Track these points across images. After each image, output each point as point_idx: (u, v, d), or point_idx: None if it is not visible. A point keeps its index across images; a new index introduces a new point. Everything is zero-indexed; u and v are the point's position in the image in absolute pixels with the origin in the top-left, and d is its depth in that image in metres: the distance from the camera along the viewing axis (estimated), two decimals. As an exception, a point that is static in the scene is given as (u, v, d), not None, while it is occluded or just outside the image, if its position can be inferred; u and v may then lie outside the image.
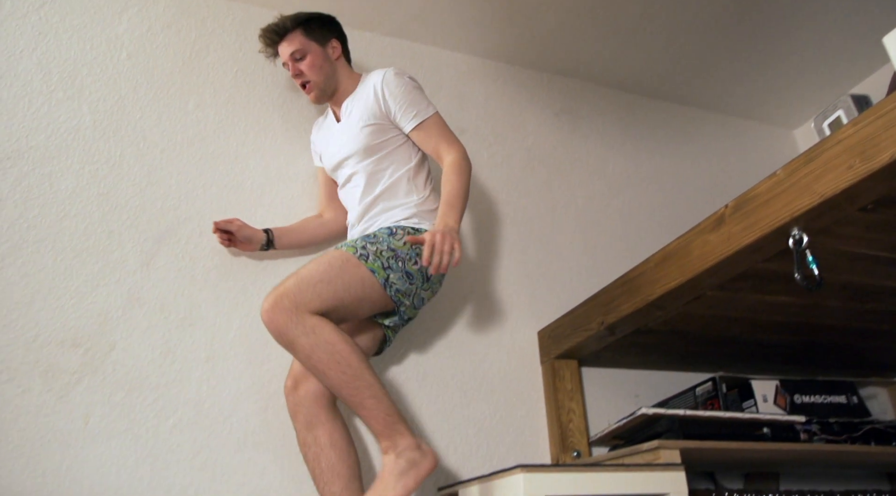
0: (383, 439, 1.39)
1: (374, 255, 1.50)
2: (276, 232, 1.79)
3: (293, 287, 1.39)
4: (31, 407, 1.54)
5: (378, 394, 1.39)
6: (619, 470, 1.45)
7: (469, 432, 1.86)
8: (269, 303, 1.38)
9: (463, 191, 1.57)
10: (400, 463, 1.36)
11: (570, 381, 1.97)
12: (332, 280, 1.43)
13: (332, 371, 1.36)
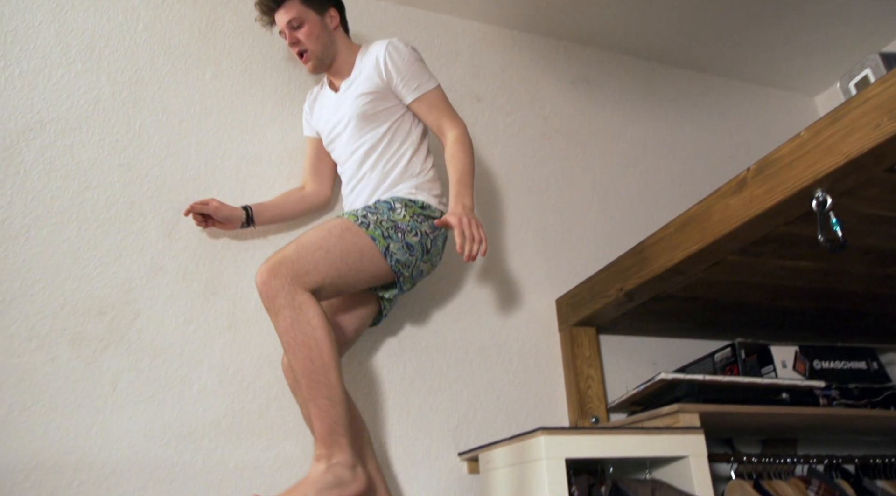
0: (321, 445, 1.32)
1: (375, 224, 1.48)
2: (256, 208, 1.75)
3: (292, 254, 1.38)
4: (60, 373, 1.57)
5: (335, 398, 1.33)
6: (638, 433, 1.47)
7: (488, 398, 1.88)
8: (266, 267, 1.36)
9: (471, 167, 1.58)
10: (327, 476, 1.28)
11: (588, 348, 1.98)
12: (330, 248, 1.41)
13: (300, 354, 1.32)
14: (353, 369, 1.78)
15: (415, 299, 1.92)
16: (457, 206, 1.48)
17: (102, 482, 1.52)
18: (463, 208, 1.47)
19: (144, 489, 1.54)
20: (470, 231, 1.40)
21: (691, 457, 1.48)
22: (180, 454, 1.59)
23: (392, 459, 1.73)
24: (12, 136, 1.70)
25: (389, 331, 1.86)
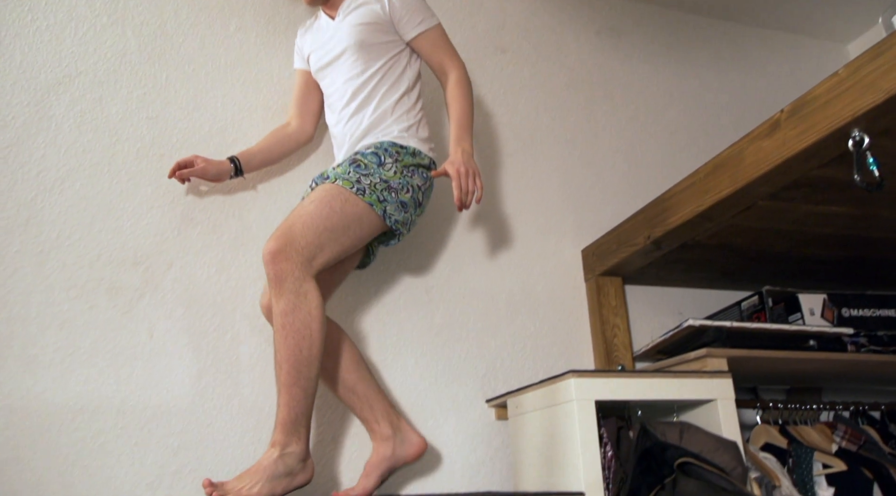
0: (280, 432, 1.34)
1: (370, 189, 1.48)
2: (243, 158, 1.73)
3: (300, 236, 1.39)
4: (98, 322, 1.61)
5: (308, 391, 1.36)
6: (667, 376, 1.48)
7: (515, 347, 1.90)
8: (276, 246, 1.37)
9: (471, 110, 1.59)
10: (279, 465, 1.31)
11: (614, 298, 1.99)
12: (335, 226, 1.43)
13: (291, 340, 1.34)
14: (382, 319, 1.81)
15: (443, 250, 1.93)
16: (457, 151, 1.50)
17: (144, 425, 1.57)
18: (462, 154, 1.50)
19: (184, 431, 1.59)
20: (466, 184, 1.46)
21: (719, 400, 1.50)
22: (216, 399, 1.63)
23: (421, 407, 1.76)
24: (43, 89, 1.72)
25: (418, 281, 1.88)
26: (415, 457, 1.54)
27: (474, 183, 1.48)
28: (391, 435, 1.52)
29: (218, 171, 1.70)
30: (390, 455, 1.50)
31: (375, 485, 1.47)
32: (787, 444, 1.68)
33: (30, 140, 1.68)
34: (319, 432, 1.67)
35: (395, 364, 1.78)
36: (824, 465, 1.62)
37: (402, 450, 1.52)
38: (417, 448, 1.54)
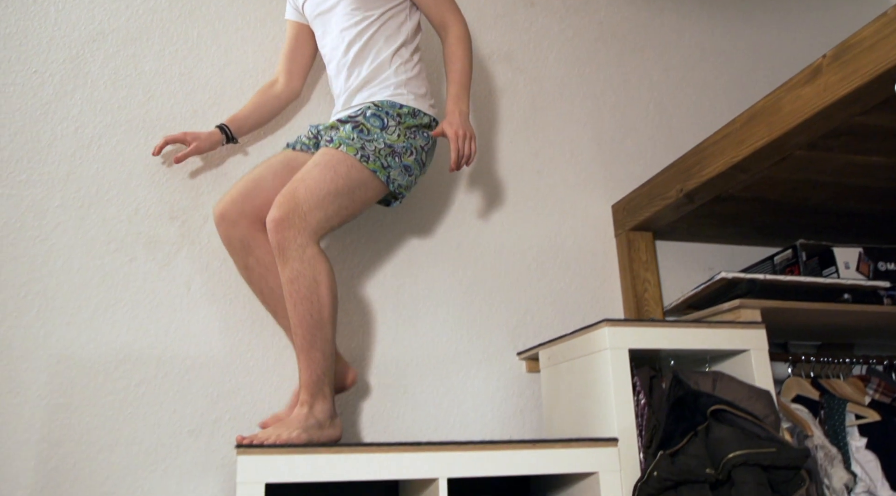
0: (306, 393, 1.37)
1: (375, 155, 1.47)
2: (233, 125, 1.71)
3: (305, 202, 1.38)
4: (138, 274, 1.65)
5: (327, 351, 1.38)
6: (700, 326, 1.49)
7: (545, 302, 1.91)
8: (280, 213, 1.37)
9: (470, 69, 1.57)
10: (310, 418, 1.34)
11: (644, 253, 1.98)
12: (339, 191, 1.42)
13: (301, 306, 1.36)
14: (413, 273, 1.83)
15: (472, 206, 1.94)
16: (454, 111, 1.50)
17: (184, 374, 1.61)
18: (460, 115, 1.49)
19: (222, 382, 1.63)
20: (464, 147, 1.47)
21: (752, 350, 1.50)
22: (253, 350, 1.67)
23: (452, 361, 1.79)
24: (77, 46, 1.74)
25: (449, 237, 1.89)
26: (347, 387, 1.56)
27: (471, 147, 1.49)
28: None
29: (210, 144, 1.69)
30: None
31: None
32: (818, 396, 1.68)
33: (67, 97, 1.70)
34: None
35: (426, 318, 1.80)
36: (857, 416, 1.62)
37: (341, 378, 1.55)
38: (352, 378, 1.57)
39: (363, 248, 1.82)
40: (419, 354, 1.77)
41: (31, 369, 1.53)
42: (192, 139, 1.66)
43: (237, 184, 1.58)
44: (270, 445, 1.18)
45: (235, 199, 1.54)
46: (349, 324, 1.75)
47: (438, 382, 1.76)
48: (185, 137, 1.66)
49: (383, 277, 1.81)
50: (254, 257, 1.52)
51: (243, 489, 1.13)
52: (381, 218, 1.85)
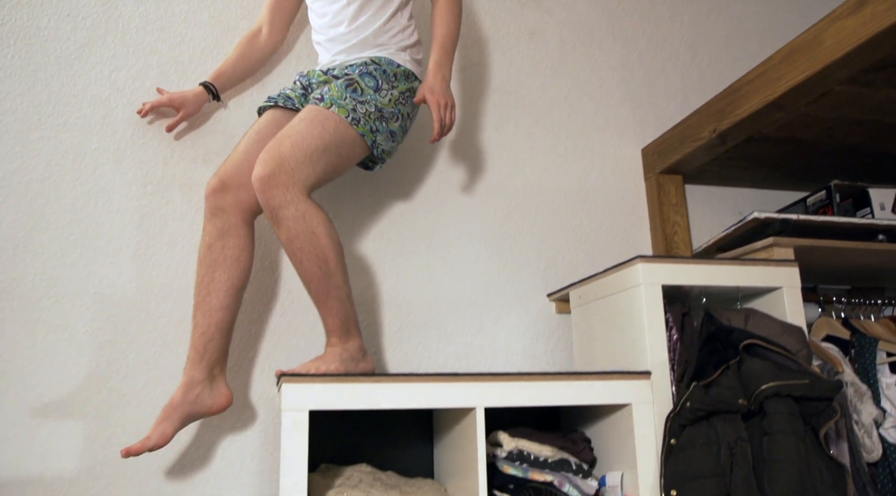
0: (333, 336, 1.39)
1: (365, 119, 1.44)
2: (217, 82, 1.70)
3: (291, 157, 1.34)
4: (175, 216, 1.68)
5: (342, 296, 1.38)
6: (733, 263, 1.49)
7: (574, 243, 1.92)
8: (265, 171, 1.33)
9: (457, 33, 1.54)
10: (344, 353, 1.37)
11: (674, 196, 1.98)
12: (328, 148, 1.39)
13: (308, 262, 1.34)
14: (444, 214, 1.84)
15: (502, 149, 1.94)
16: (436, 76, 1.47)
17: (223, 313, 1.65)
18: (442, 82, 1.47)
19: (259, 319, 1.67)
20: (447, 117, 1.46)
21: (785, 288, 1.50)
22: (290, 288, 1.70)
23: (482, 301, 1.81)
24: (108, -12, 1.74)
25: (479, 177, 1.90)
26: (217, 410, 1.43)
27: (452, 117, 1.47)
28: (203, 380, 1.41)
29: (197, 106, 1.69)
30: (193, 399, 1.39)
31: (175, 430, 1.37)
32: (849, 336, 1.69)
33: (100, 40, 1.71)
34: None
35: (456, 259, 1.82)
36: (888, 354, 1.63)
37: (210, 399, 1.41)
38: (223, 400, 1.43)
39: (395, 192, 1.83)
40: (451, 295, 1.79)
41: (77, 307, 1.58)
42: (178, 103, 1.66)
43: (229, 158, 1.51)
44: (313, 374, 1.21)
45: (228, 174, 1.48)
46: (381, 266, 1.77)
47: (470, 322, 1.79)
48: (171, 102, 1.66)
49: (415, 220, 1.82)
50: (222, 243, 1.45)
51: (288, 416, 1.17)
52: (412, 162, 1.86)
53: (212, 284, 1.43)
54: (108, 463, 1.51)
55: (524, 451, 1.34)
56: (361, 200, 1.80)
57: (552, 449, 1.37)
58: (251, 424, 1.61)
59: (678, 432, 1.31)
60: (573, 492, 1.33)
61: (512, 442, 1.34)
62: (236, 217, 1.46)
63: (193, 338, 1.43)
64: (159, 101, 1.66)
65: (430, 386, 1.24)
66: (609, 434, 1.43)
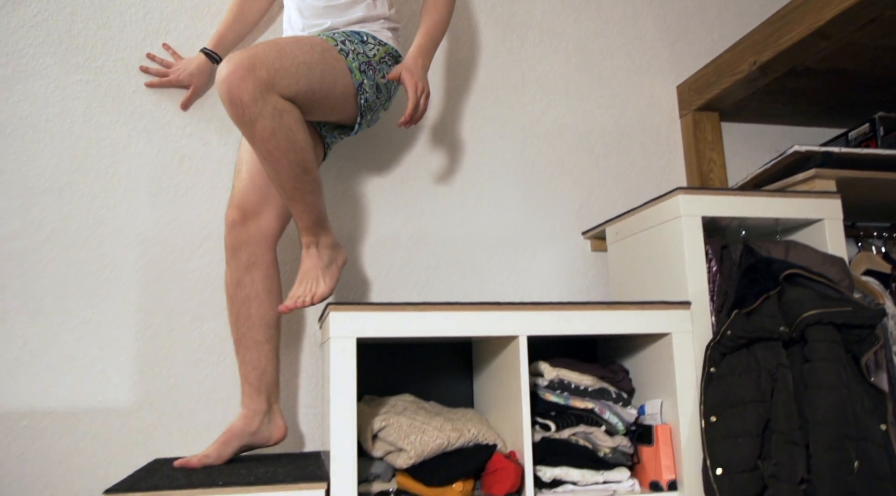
0: (308, 234, 1.35)
1: (353, 55, 1.37)
2: (219, 48, 1.67)
3: (272, 57, 1.21)
4: (213, 157, 1.69)
5: (317, 191, 1.32)
6: (774, 195, 1.48)
7: (608, 183, 1.91)
8: (237, 66, 1.17)
9: (447, 25, 1.47)
10: (323, 257, 1.37)
11: (710, 133, 1.95)
12: (312, 64, 1.28)
13: (285, 160, 1.24)
14: (478, 153, 1.84)
15: (535, 87, 1.92)
16: (416, 61, 1.39)
17: (264, 252, 1.68)
18: (423, 68, 1.40)
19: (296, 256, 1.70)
20: (422, 103, 1.38)
21: (826, 220, 1.49)
22: (327, 230, 1.73)
23: (517, 240, 1.82)
24: (138, -72, 1.72)
25: (513, 118, 1.88)
26: (275, 442, 1.43)
27: (425, 104, 1.38)
28: (264, 411, 1.41)
29: (205, 77, 1.68)
30: (254, 431, 1.39)
31: (231, 455, 1.35)
32: (890, 270, 1.68)
33: (132, -20, 1.71)
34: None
35: (491, 198, 1.83)
36: (930, 287, 1.62)
37: (267, 431, 1.41)
38: (280, 434, 1.43)
39: (430, 131, 1.83)
40: (486, 234, 1.80)
41: (122, 247, 1.61)
42: (186, 80, 1.66)
43: (236, 188, 1.43)
44: (358, 303, 1.24)
45: (244, 203, 1.41)
46: (417, 204, 1.78)
47: (505, 260, 1.80)
48: (178, 81, 1.66)
49: (450, 158, 1.83)
50: (251, 277, 1.40)
51: (336, 344, 1.20)
52: (448, 101, 1.85)
53: (249, 321, 1.40)
54: (158, 394, 1.57)
55: (565, 380, 1.37)
56: (397, 139, 1.81)
57: (592, 378, 1.40)
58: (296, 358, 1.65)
59: (718, 360, 1.32)
60: (613, 419, 1.36)
61: (553, 371, 1.37)
62: (261, 247, 1.41)
63: (245, 373, 1.41)
64: (167, 81, 1.66)
65: (475, 314, 1.26)
66: (648, 365, 1.45)
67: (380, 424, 1.29)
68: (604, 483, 1.31)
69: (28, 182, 1.59)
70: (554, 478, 1.28)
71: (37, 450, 1.50)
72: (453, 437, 1.27)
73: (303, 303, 1.33)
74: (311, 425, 1.63)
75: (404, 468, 1.26)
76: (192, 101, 1.69)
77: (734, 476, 1.25)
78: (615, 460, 1.33)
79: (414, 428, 1.27)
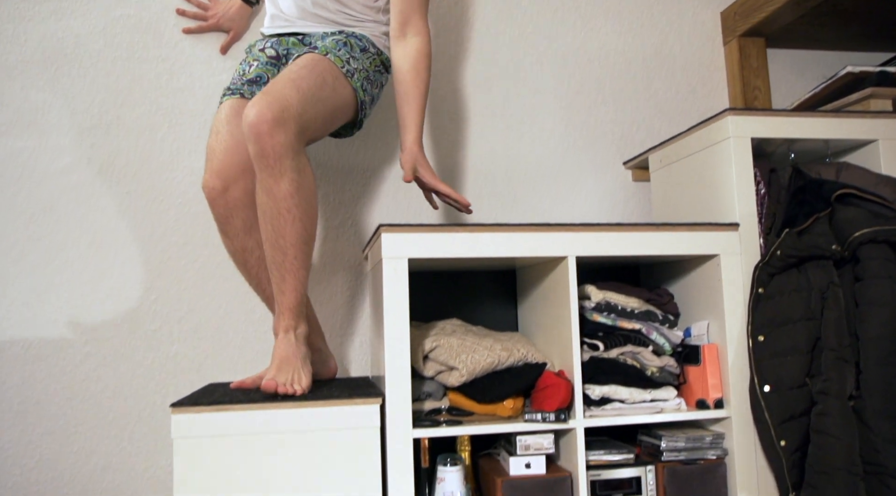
0: (290, 317, 1.26)
1: (358, 75, 1.35)
2: None
3: (297, 105, 1.20)
4: (255, 92, 1.70)
5: (308, 268, 1.26)
6: (827, 115, 1.45)
7: (650, 112, 1.88)
8: (270, 114, 1.15)
9: (427, 92, 1.39)
10: (301, 348, 1.27)
11: (755, 59, 1.90)
12: (326, 99, 1.26)
13: (297, 224, 1.20)
14: (518, 81, 1.82)
15: (575, 13, 1.87)
16: (416, 144, 1.37)
17: (307, 185, 1.69)
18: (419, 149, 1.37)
19: (342, 189, 1.72)
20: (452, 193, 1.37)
21: (881, 140, 1.46)
22: (362, 155, 1.73)
23: (558, 170, 1.81)
24: None
25: (554, 46, 1.85)
26: (328, 378, 1.47)
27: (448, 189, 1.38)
28: (319, 349, 1.43)
29: (244, 22, 1.68)
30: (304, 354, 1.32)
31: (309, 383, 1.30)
32: (942, 193, 1.64)
33: (167, -89, 1.69)
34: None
35: (531, 128, 1.81)
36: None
37: (323, 370, 1.45)
38: (332, 372, 1.47)
39: (470, 61, 1.81)
40: (527, 165, 1.80)
41: (170, 180, 1.64)
42: (227, 25, 1.66)
43: (212, 158, 1.33)
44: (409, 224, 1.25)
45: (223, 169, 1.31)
46: (458, 136, 1.78)
47: (546, 192, 1.80)
48: (218, 26, 1.66)
49: (491, 89, 1.81)
50: (254, 239, 1.34)
51: (388, 264, 1.22)
52: (487, 30, 1.82)
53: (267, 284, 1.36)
54: (210, 324, 1.61)
55: (612, 302, 1.38)
56: (436, 72, 1.79)
57: (638, 301, 1.41)
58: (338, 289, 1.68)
59: (766, 281, 1.32)
60: (660, 339, 1.37)
61: (600, 293, 1.38)
62: (253, 208, 1.30)
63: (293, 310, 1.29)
64: (207, 26, 1.66)
65: (525, 235, 1.27)
66: (693, 288, 1.45)
67: (430, 345, 1.32)
68: (651, 401, 1.33)
69: (76, 118, 1.62)
70: (602, 396, 1.30)
71: (100, 372, 1.56)
72: (503, 356, 1.30)
73: (293, 392, 1.19)
74: (357, 354, 1.67)
75: (456, 386, 1.29)
76: (232, 44, 1.69)
77: (782, 392, 1.27)
78: (662, 379, 1.35)
79: (464, 347, 1.30)
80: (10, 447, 1.53)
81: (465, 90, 1.80)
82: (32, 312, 1.56)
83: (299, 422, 1.15)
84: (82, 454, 1.55)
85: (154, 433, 1.57)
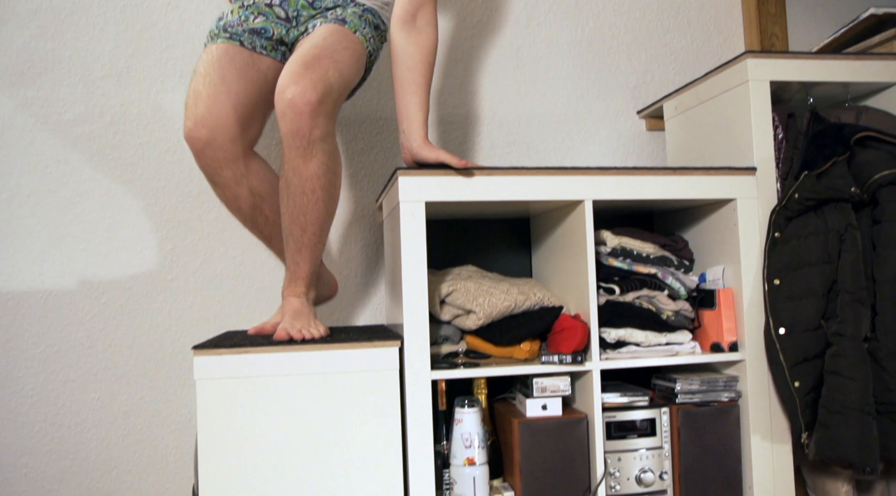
0: (303, 284, 1.28)
1: (374, 54, 1.35)
2: None
3: (338, 89, 1.19)
4: (265, 40, 1.68)
5: (324, 243, 1.28)
6: (848, 58, 1.42)
7: (665, 61, 1.86)
8: (315, 96, 1.13)
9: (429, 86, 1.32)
10: (312, 309, 1.30)
11: (773, 6, 1.86)
12: (353, 82, 1.26)
13: (320, 204, 1.20)
14: (532, 31, 1.79)
15: (590, -41, 1.84)
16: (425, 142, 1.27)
17: (320, 135, 1.69)
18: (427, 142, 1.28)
19: (356, 139, 1.71)
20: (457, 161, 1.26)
21: (902, 85, 1.44)
22: (376, 112, 1.72)
23: (572, 119, 1.80)
24: None
25: (565, -7, 1.82)
26: (329, 298, 1.49)
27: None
28: (321, 276, 1.44)
29: None
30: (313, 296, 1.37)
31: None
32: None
33: None
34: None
35: (546, 77, 1.79)
36: None
37: (325, 290, 1.46)
38: (333, 289, 1.49)
39: (482, 9, 1.78)
40: (540, 112, 1.78)
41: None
42: None
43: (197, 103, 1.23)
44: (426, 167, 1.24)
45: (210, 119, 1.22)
46: (471, 85, 1.76)
47: (559, 140, 1.79)
48: None
49: (503, 38, 1.78)
50: (247, 188, 1.29)
51: (406, 207, 1.22)
52: (496, -24, 1.79)
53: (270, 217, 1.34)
54: (225, 274, 1.63)
55: (627, 247, 1.38)
56: (447, 17, 1.76)
57: (654, 246, 1.41)
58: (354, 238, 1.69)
59: (783, 225, 1.32)
60: (676, 284, 1.38)
61: (615, 239, 1.38)
62: (242, 159, 1.26)
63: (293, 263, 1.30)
64: None
65: (541, 179, 1.27)
66: (708, 234, 1.45)
67: (447, 289, 1.33)
68: (666, 344, 1.34)
69: (87, 68, 1.61)
70: (618, 339, 1.31)
71: (119, 321, 1.58)
72: (520, 300, 1.31)
73: (310, 336, 1.22)
74: (370, 304, 1.68)
75: (473, 329, 1.30)
76: None
77: (797, 335, 1.27)
78: (677, 323, 1.36)
79: (481, 291, 1.30)
80: (32, 395, 1.55)
81: (477, 38, 1.78)
82: (49, 263, 1.57)
83: (320, 364, 1.16)
84: (104, 400, 1.58)
85: (174, 379, 1.60)
